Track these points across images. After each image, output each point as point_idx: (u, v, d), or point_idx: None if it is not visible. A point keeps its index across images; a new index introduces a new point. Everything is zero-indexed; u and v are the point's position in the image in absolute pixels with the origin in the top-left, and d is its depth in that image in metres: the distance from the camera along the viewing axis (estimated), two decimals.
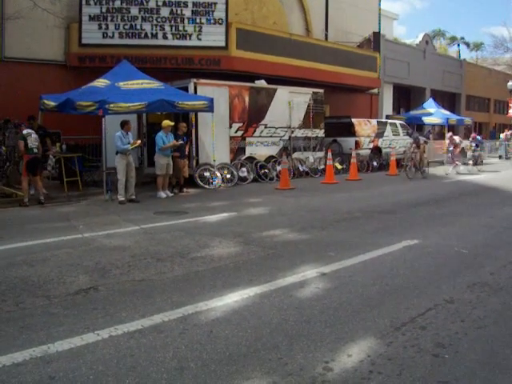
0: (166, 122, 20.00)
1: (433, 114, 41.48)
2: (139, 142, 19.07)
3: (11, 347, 6.02)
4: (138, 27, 26.14)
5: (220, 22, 26.98)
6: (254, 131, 25.17)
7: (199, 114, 22.25)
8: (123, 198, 18.38)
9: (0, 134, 21.45)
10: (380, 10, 43.07)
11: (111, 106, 18.26)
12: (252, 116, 25.05)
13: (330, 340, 6.26)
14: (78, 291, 8.14)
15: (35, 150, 17.55)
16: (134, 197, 18.66)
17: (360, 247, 11.07)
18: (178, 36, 26.57)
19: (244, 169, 24.24)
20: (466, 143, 35.86)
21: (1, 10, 23.81)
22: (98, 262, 9.92)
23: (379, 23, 42.09)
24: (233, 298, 7.75)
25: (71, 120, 21.69)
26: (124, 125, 18.78)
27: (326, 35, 37.17)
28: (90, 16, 25.63)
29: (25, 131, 17.75)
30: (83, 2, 25.51)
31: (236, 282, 8.59)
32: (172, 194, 20.04)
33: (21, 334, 6.45)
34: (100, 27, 25.75)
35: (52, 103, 20.08)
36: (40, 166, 18.26)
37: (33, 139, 17.55)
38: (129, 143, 18.55)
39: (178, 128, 20.63)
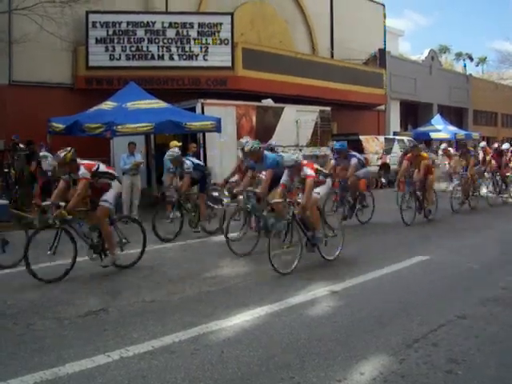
0: (174, 143, 19.99)
1: (440, 130, 41.44)
2: (139, 161, 19.01)
3: (22, 370, 6.01)
4: (145, 49, 26.20)
5: (226, 42, 27.02)
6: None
7: (207, 134, 22.23)
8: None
9: (9, 158, 21.47)
10: (385, 26, 43.11)
11: (119, 127, 18.29)
12: (260, 135, 24.88)
13: (342, 358, 6.25)
14: (88, 313, 8.14)
15: (49, 174, 17.56)
16: (136, 217, 18.62)
17: (371, 264, 11.06)
18: (185, 57, 26.62)
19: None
20: None
21: (8, 34, 23.90)
22: (107, 284, 9.96)
23: (384, 40, 42.10)
24: (244, 318, 7.74)
25: (80, 142, 21.68)
26: (128, 146, 18.82)
27: (332, 53, 37.22)
28: (96, 39, 25.72)
29: (41, 153, 17.76)
30: (90, 25, 25.60)
31: (247, 301, 8.58)
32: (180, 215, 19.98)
33: (32, 356, 6.43)
34: (107, 50, 25.84)
35: (60, 126, 20.10)
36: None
37: (48, 162, 17.56)
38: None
39: (187, 149, 20.61)
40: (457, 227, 16.49)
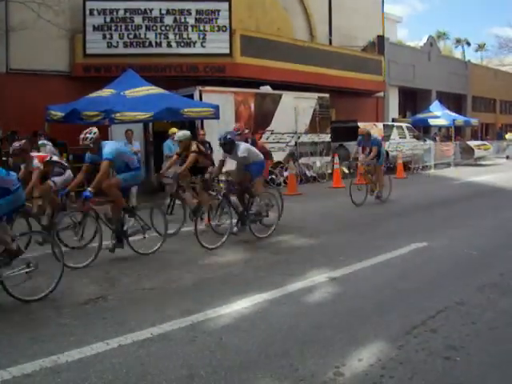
0: (173, 130, 19.98)
1: (439, 116, 41.43)
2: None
3: (21, 358, 6.03)
4: (142, 36, 26.15)
5: (224, 29, 26.97)
6: (260, 137, 25.06)
7: (205, 121, 22.21)
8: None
9: (7, 146, 21.46)
10: (384, 13, 43.00)
11: (117, 115, 18.30)
12: (258, 122, 25.04)
13: (341, 345, 6.27)
14: (87, 301, 8.16)
15: None
16: (135, 204, 18.65)
17: (369, 251, 11.06)
18: (182, 44, 26.57)
19: None
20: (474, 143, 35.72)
21: (5, 22, 23.86)
22: (107, 272, 9.97)
23: (383, 26, 42.04)
24: (242, 305, 7.75)
25: (78, 130, 21.65)
26: (125, 133, 18.83)
27: (330, 40, 37.12)
28: (94, 26, 25.65)
29: (40, 142, 17.73)
30: (87, 12, 25.53)
31: (245, 288, 8.59)
32: (180, 202, 19.97)
33: (31, 344, 6.46)
34: (104, 37, 25.78)
35: (59, 114, 20.11)
36: None
37: (47, 150, 17.52)
38: None
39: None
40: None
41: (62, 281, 8.77)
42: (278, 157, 25.76)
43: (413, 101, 49.19)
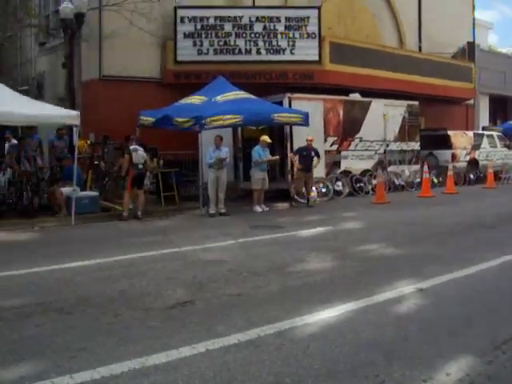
0: (264, 138, 20.10)
1: None
2: (222, 156, 19.09)
3: (109, 359, 6.10)
4: (232, 43, 26.41)
5: (313, 36, 26.99)
6: (349, 145, 25.03)
7: (294, 129, 22.24)
8: (213, 211, 18.74)
9: (99, 150, 21.93)
10: (474, 19, 42.30)
11: (207, 120, 18.42)
12: (347, 129, 24.92)
13: (428, 357, 6.14)
14: (175, 305, 8.21)
15: (140, 166, 17.87)
16: (223, 210, 18.84)
17: (458, 262, 10.86)
18: (272, 51, 26.71)
19: (339, 183, 24.06)
20: None
21: (98, 30, 24.38)
22: (194, 276, 10.00)
23: (473, 33, 41.34)
24: (329, 314, 7.68)
25: (168, 135, 22.00)
26: (214, 139, 19.05)
27: (420, 46, 36.76)
28: (184, 34, 26.02)
29: (131, 147, 18.08)
30: (178, 20, 25.94)
31: (332, 296, 8.52)
32: (267, 209, 20.08)
33: (119, 345, 6.55)
34: (195, 44, 26.12)
35: (150, 119, 20.43)
36: (144, 180, 18.67)
37: (139, 156, 17.86)
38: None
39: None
40: None
41: (150, 284, 8.96)
42: (366, 164, 25.65)
43: (504, 109, 48.14)
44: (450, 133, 30.56)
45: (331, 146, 24.40)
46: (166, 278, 9.90)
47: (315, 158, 21.16)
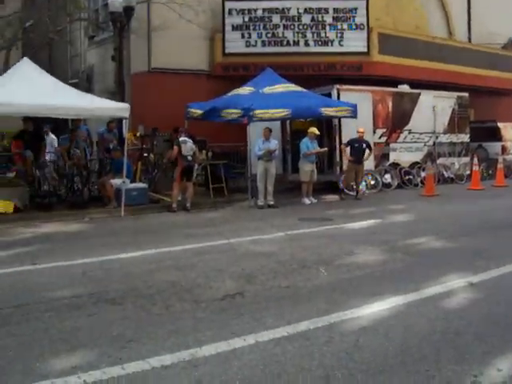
0: (312, 130, 20.05)
1: None
2: (271, 148, 19.08)
3: (160, 349, 6.16)
4: (280, 35, 26.41)
5: (361, 27, 26.88)
6: (398, 137, 24.90)
7: (342, 120, 22.16)
8: (262, 203, 18.76)
9: (149, 142, 22.08)
10: None
11: (256, 113, 18.46)
12: (395, 121, 24.77)
13: (479, 353, 6.07)
14: (225, 296, 8.23)
15: (189, 158, 17.94)
16: (272, 202, 18.84)
17: (510, 256, 10.74)
18: (320, 43, 26.65)
19: (388, 175, 23.94)
20: None
21: (147, 23, 24.53)
22: (244, 268, 10.02)
23: None
24: (379, 307, 7.65)
25: (216, 127, 22.07)
26: (263, 131, 19.04)
27: (469, 37, 36.33)
28: (232, 26, 26.09)
29: (181, 139, 18.18)
30: (226, 12, 26.01)
31: (382, 290, 8.47)
32: (316, 201, 20.05)
33: (169, 336, 6.58)
34: (243, 36, 26.18)
35: (198, 111, 20.51)
36: (193, 172, 18.76)
37: (188, 147, 17.94)
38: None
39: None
40: None
41: (200, 275, 9.08)
42: (415, 157, 25.49)
43: None
44: (499, 125, 30.18)
45: (380, 138, 24.30)
46: (215, 270, 9.92)
47: (367, 151, 21.06)
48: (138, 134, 22.29)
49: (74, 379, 5.46)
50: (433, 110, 26.26)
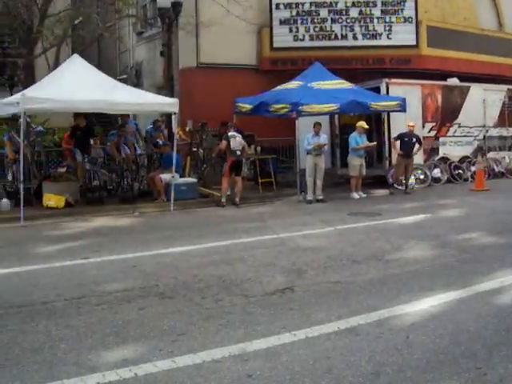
0: (361, 124, 19.98)
1: None
2: (322, 143, 19.06)
3: (210, 344, 6.20)
4: (328, 29, 26.34)
5: (410, 20, 26.68)
6: (448, 131, 24.64)
7: (391, 114, 22.04)
8: (311, 198, 18.76)
9: (198, 137, 22.19)
10: None
11: (304, 107, 18.47)
12: (445, 115, 24.52)
13: None
14: (275, 291, 8.25)
15: (238, 153, 18.00)
16: (321, 197, 18.82)
17: None
18: (368, 36, 26.54)
19: (437, 169, 23.71)
20: None
21: (195, 18, 24.62)
22: (293, 263, 10.04)
23: None
24: (429, 303, 7.59)
25: (265, 122, 22.09)
26: (313, 126, 19.00)
27: None
28: (280, 20, 26.10)
29: (230, 133, 18.26)
30: (273, 6, 26.01)
31: (432, 286, 8.41)
32: (365, 195, 19.98)
33: (219, 331, 6.63)
34: (291, 30, 26.18)
35: (247, 106, 20.62)
36: (242, 167, 18.81)
37: (236, 142, 18.01)
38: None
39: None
40: None
41: (250, 270, 9.15)
42: (465, 151, 25.21)
43: None
44: None
45: (429, 132, 24.06)
46: (264, 265, 9.97)
47: (416, 145, 20.92)
48: (187, 129, 22.41)
49: (125, 372, 5.53)
50: (483, 104, 25.94)
